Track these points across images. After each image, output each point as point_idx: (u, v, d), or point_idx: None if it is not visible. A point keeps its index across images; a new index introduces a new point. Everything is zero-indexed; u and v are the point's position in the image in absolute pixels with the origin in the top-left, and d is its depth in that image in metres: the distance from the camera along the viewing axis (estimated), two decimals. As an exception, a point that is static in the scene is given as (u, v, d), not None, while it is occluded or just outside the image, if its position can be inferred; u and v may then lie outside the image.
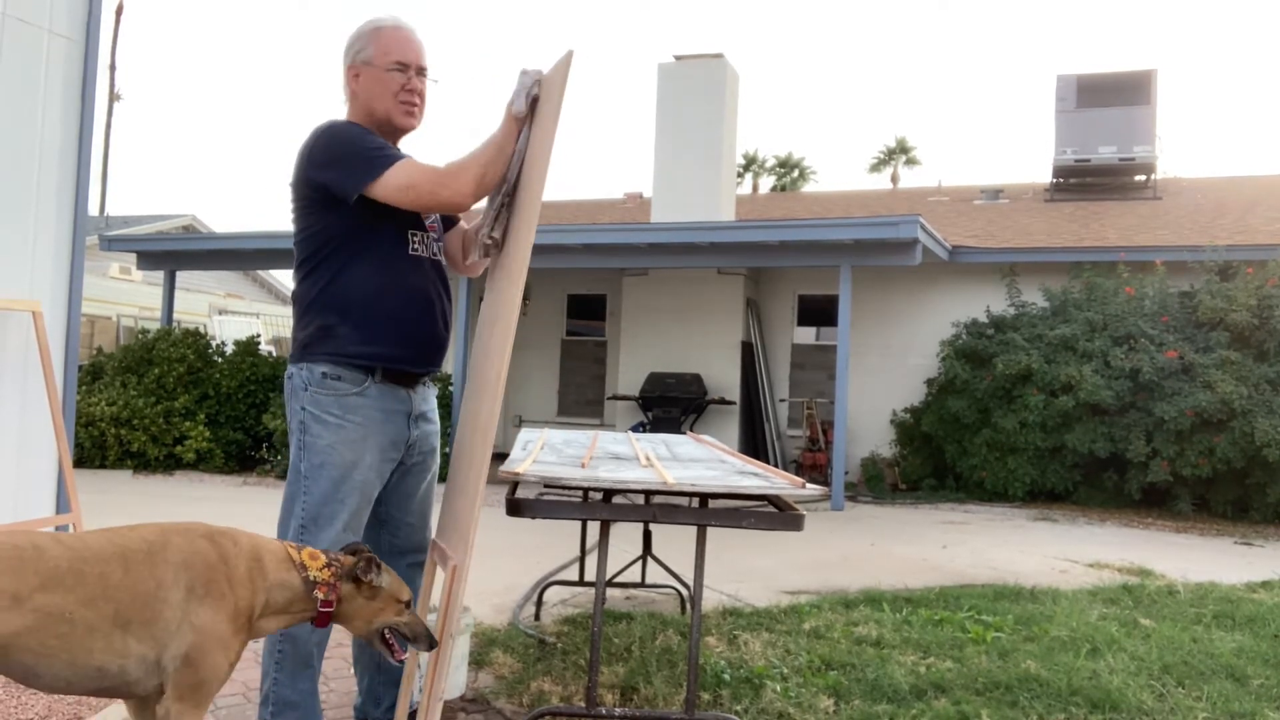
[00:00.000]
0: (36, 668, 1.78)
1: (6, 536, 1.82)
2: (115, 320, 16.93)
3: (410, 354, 2.60)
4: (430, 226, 2.69)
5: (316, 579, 2.07)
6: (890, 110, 72.74)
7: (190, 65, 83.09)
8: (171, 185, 66.09)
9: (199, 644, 1.88)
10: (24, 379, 4.27)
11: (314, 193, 2.51)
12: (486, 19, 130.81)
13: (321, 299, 2.54)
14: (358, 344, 2.52)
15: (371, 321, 2.52)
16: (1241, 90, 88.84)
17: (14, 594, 1.73)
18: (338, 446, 2.50)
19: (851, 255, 9.59)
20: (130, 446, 10.42)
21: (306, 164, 2.52)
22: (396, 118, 2.60)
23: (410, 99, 2.60)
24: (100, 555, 1.85)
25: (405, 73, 2.58)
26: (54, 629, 1.77)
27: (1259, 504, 8.86)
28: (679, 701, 3.20)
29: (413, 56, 2.61)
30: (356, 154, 2.47)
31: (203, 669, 1.88)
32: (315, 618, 2.09)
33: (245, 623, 1.97)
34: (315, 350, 2.54)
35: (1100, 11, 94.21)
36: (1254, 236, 11.09)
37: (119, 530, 1.94)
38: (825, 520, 8.25)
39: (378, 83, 2.58)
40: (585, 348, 13.68)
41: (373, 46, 2.59)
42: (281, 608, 2.05)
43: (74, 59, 4.44)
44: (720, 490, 2.80)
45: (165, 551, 1.91)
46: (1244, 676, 3.67)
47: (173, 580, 1.88)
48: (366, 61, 2.59)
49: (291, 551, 2.09)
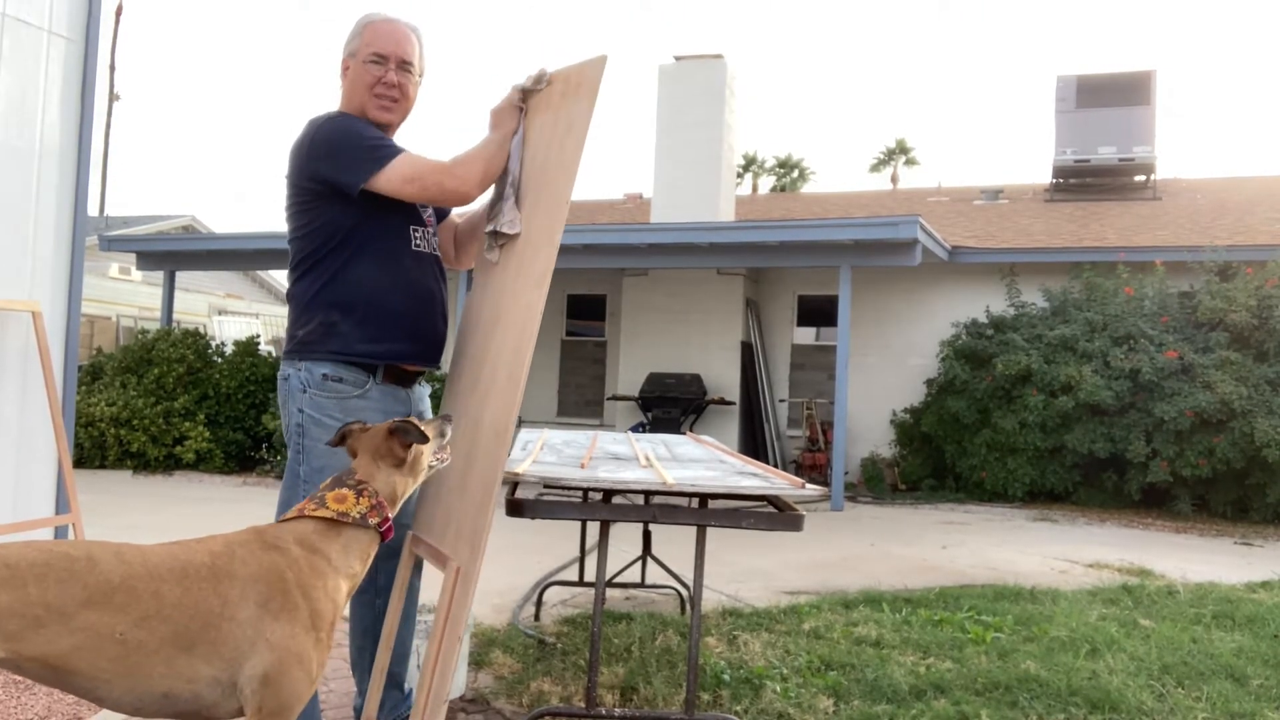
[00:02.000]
0: (96, 690, 1.68)
1: (61, 545, 1.72)
2: (115, 320, 16.92)
3: (414, 350, 2.58)
4: (428, 221, 2.67)
5: (363, 512, 1.96)
6: (890, 110, 72.82)
7: (190, 65, 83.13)
8: (171, 185, 66.18)
9: (276, 663, 1.75)
10: (24, 379, 4.26)
11: (317, 185, 2.48)
12: (486, 19, 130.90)
13: (324, 295, 2.50)
14: (362, 341, 2.49)
15: (377, 318, 2.49)
16: (1241, 90, 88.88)
17: (59, 609, 1.62)
18: (338, 451, 2.49)
19: (851, 255, 9.59)
20: (130, 447, 10.42)
21: (307, 157, 2.48)
22: (371, 110, 2.56)
23: (386, 92, 2.56)
24: (156, 572, 1.73)
25: (383, 65, 2.56)
26: (105, 650, 1.65)
27: (1259, 504, 8.86)
28: (679, 702, 3.20)
29: (392, 48, 2.57)
30: (358, 146, 2.45)
31: (283, 691, 1.75)
32: (382, 537, 2.01)
33: (327, 630, 1.85)
34: (316, 348, 2.50)
35: (1100, 11, 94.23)
36: (1254, 237, 11.09)
37: (185, 544, 1.83)
38: (825, 520, 8.25)
39: (359, 75, 2.57)
40: (585, 348, 13.68)
41: (359, 40, 2.59)
42: (359, 570, 1.95)
43: (74, 59, 4.44)
44: (720, 490, 2.80)
45: (230, 565, 1.79)
46: (1244, 677, 3.67)
47: (239, 597, 1.76)
48: (352, 54, 2.59)
49: (322, 513, 1.94)
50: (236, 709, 1.77)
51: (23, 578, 1.63)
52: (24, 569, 1.64)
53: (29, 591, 1.62)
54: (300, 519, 1.95)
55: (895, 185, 32.13)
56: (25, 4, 4.17)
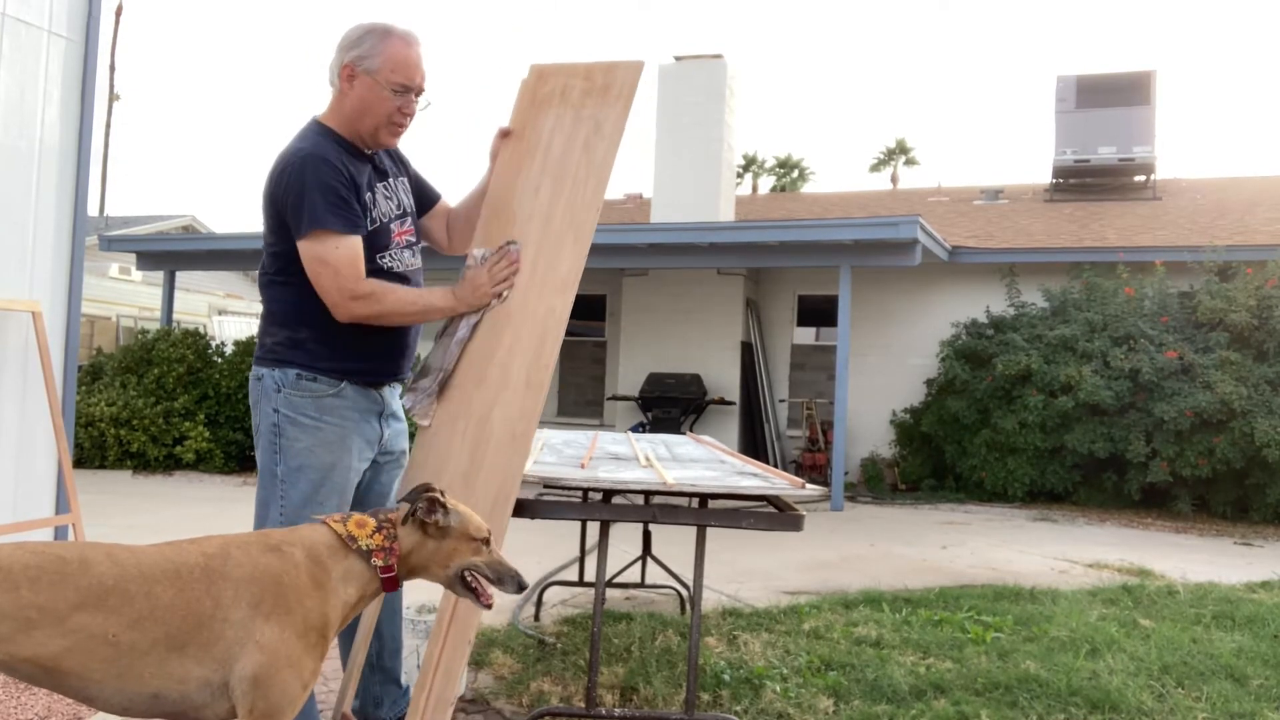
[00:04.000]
0: (87, 691, 1.70)
1: (54, 547, 1.72)
2: (115, 320, 16.92)
3: (376, 368, 2.59)
4: (399, 235, 2.62)
5: (370, 547, 1.92)
6: (890, 110, 72.83)
7: (190, 65, 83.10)
8: (171, 185, 66.15)
9: (267, 664, 1.74)
10: (24, 379, 4.26)
11: (279, 215, 2.47)
12: (485, 19, 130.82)
13: (291, 310, 2.52)
14: (325, 360, 2.50)
15: (340, 338, 2.49)
16: (1241, 90, 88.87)
17: (53, 611, 1.63)
18: (315, 449, 2.47)
19: (851, 255, 9.59)
20: (130, 447, 10.41)
21: (274, 187, 2.47)
22: (383, 137, 2.55)
23: (401, 123, 2.55)
24: (150, 573, 1.73)
25: (404, 96, 2.51)
26: (97, 652, 1.66)
27: (1259, 504, 8.86)
28: (679, 702, 3.20)
29: (417, 80, 2.53)
30: (314, 203, 2.39)
31: (273, 692, 1.74)
32: (382, 585, 1.94)
33: (319, 638, 1.83)
34: (283, 359, 2.51)
35: (1100, 11, 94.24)
36: (1254, 237, 11.09)
37: (179, 544, 1.83)
38: (825, 520, 8.25)
39: (375, 99, 2.49)
40: (585, 348, 13.67)
41: (379, 57, 2.48)
42: (354, 599, 1.91)
43: (74, 59, 4.44)
44: (720, 490, 2.80)
45: (225, 566, 1.78)
46: (1244, 677, 3.67)
47: (233, 598, 1.76)
48: (369, 70, 2.48)
49: (337, 528, 1.93)
50: (227, 711, 1.77)
51: (15, 580, 1.64)
52: (17, 571, 1.65)
53: (22, 594, 1.63)
54: (317, 526, 1.95)
55: (895, 185, 32.14)
56: (25, 4, 4.17)
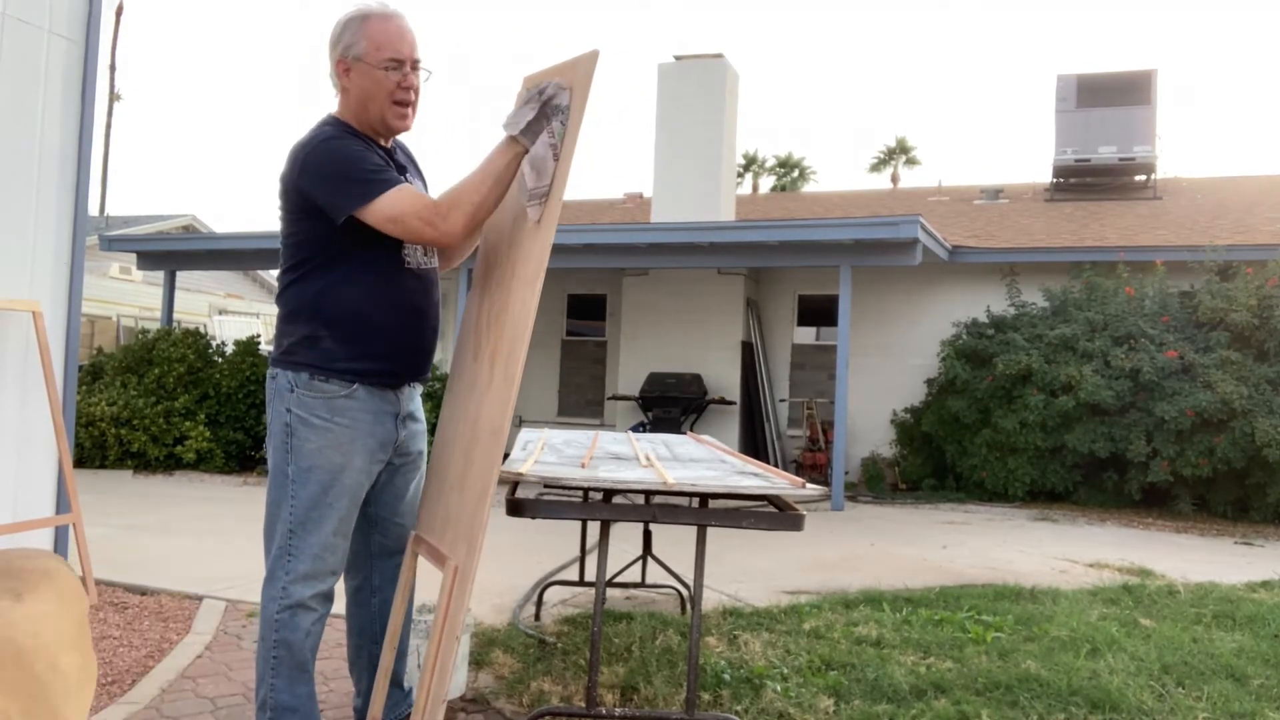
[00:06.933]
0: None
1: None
2: (115, 320, 16.92)
3: (396, 368, 2.56)
4: None
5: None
6: (890, 110, 72.74)
7: (190, 65, 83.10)
8: (171, 185, 66.15)
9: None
10: (24, 379, 4.26)
11: (305, 202, 2.45)
12: (484, 19, 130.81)
13: (310, 308, 2.49)
14: (343, 360, 2.48)
15: (360, 337, 2.48)
16: (1241, 90, 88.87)
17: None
18: (325, 450, 2.46)
19: (851, 255, 9.59)
20: (130, 446, 10.42)
21: (299, 173, 2.44)
22: (391, 120, 2.50)
23: (405, 98, 2.49)
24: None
25: (400, 70, 2.47)
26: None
27: (1259, 504, 8.86)
28: (679, 701, 3.20)
29: (407, 51, 2.48)
30: (351, 175, 2.38)
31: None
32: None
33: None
34: (299, 357, 2.50)
35: (1100, 11, 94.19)
36: (1254, 236, 11.08)
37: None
38: (825, 520, 8.25)
39: (372, 82, 2.46)
40: (585, 348, 13.67)
41: (364, 41, 2.46)
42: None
43: (74, 59, 4.44)
44: (720, 490, 2.80)
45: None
46: (1244, 676, 3.67)
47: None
48: (358, 57, 2.46)
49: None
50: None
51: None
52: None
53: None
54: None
55: (895, 185, 32.11)
56: (25, 4, 4.17)
